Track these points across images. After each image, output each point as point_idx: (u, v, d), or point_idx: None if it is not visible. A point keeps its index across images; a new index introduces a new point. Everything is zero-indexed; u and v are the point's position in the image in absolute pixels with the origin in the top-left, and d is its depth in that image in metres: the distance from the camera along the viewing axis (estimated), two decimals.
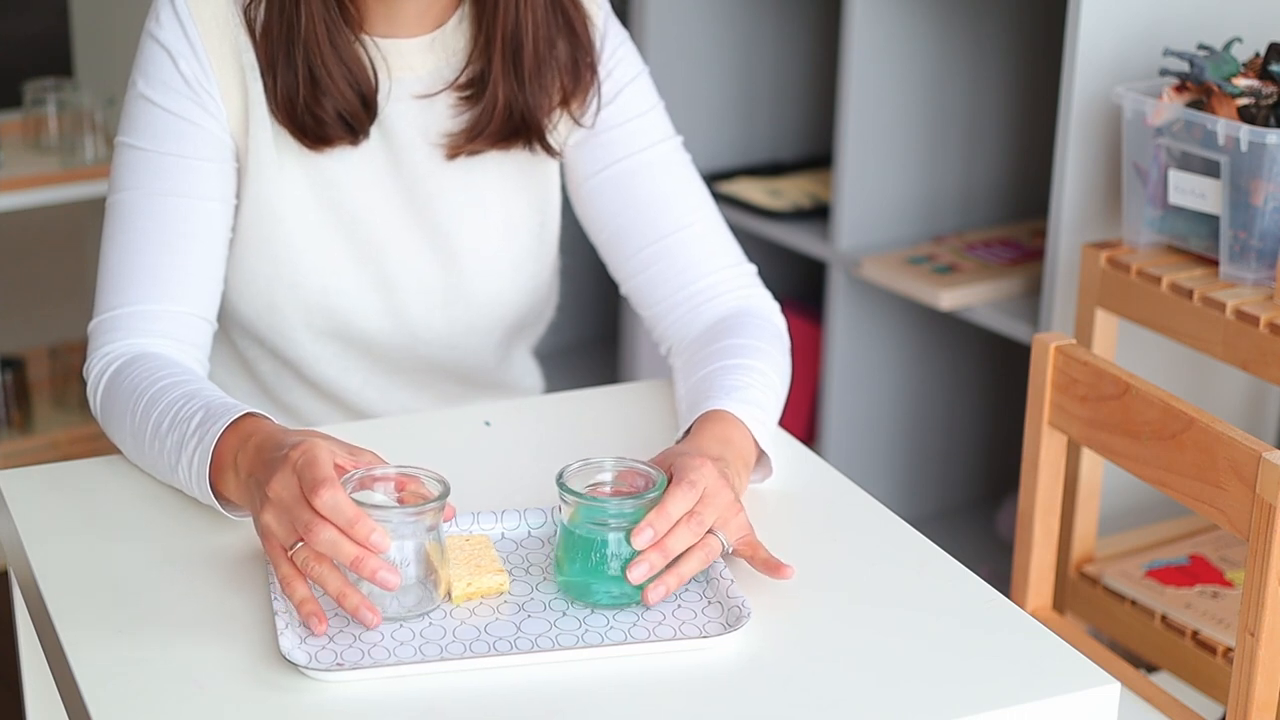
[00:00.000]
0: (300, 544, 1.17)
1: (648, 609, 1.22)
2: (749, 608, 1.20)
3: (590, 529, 1.21)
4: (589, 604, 1.23)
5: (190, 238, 1.49)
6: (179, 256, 1.48)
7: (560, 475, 1.23)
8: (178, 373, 1.41)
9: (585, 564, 1.22)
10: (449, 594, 1.23)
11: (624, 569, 1.21)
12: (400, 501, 1.22)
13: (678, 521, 1.22)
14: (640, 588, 1.22)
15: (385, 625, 1.20)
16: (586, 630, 1.20)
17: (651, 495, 1.22)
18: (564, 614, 1.22)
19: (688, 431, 1.42)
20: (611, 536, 1.21)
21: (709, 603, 1.24)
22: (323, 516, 1.15)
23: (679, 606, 1.23)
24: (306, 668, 1.13)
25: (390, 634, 1.19)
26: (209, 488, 1.30)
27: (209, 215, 1.50)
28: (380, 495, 1.22)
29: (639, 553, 1.21)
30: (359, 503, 1.18)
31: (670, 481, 1.24)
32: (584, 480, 1.25)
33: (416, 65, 1.54)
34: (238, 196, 1.54)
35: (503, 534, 1.32)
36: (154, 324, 1.46)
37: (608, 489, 1.26)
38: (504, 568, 1.25)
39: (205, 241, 1.50)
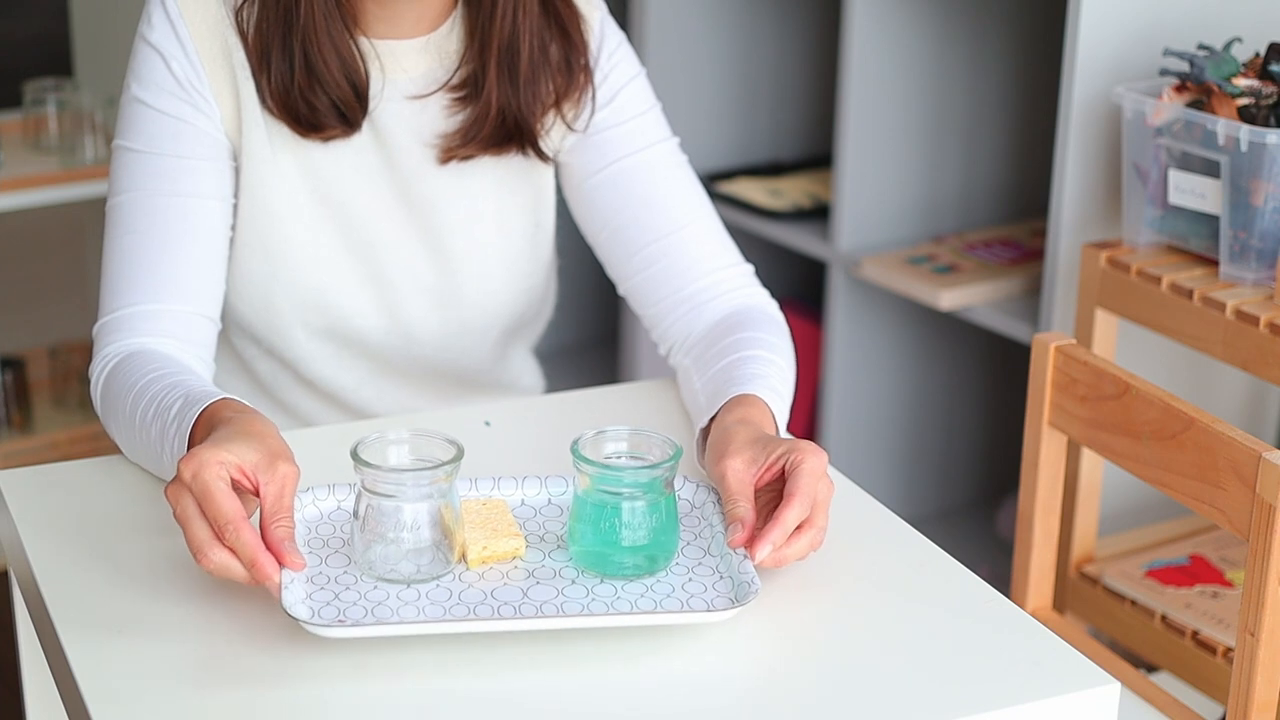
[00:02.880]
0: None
1: (657, 581, 1.22)
2: (758, 584, 1.19)
3: (603, 497, 1.21)
4: (601, 574, 1.22)
5: (190, 237, 1.49)
6: (179, 256, 1.48)
7: (575, 443, 1.23)
8: (166, 365, 1.41)
9: (598, 533, 1.21)
10: (464, 557, 1.23)
11: (636, 539, 1.21)
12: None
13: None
14: (652, 561, 1.22)
15: (393, 586, 1.20)
16: (593, 599, 1.20)
17: (666, 464, 1.22)
18: (573, 582, 1.22)
19: (712, 420, 1.42)
20: (625, 505, 1.21)
21: (720, 577, 1.23)
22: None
23: (690, 579, 1.23)
24: (308, 623, 1.12)
25: (396, 594, 1.19)
26: None
27: (208, 214, 1.50)
28: (394, 458, 1.22)
29: (652, 523, 1.21)
30: (372, 465, 1.18)
31: (785, 474, 1.26)
32: (599, 449, 1.25)
33: (410, 67, 1.55)
34: (235, 195, 1.55)
35: (522, 500, 1.32)
36: (156, 324, 1.47)
37: (623, 459, 1.25)
38: (520, 532, 1.25)
39: (205, 240, 1.50)
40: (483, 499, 1.29)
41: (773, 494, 1.30)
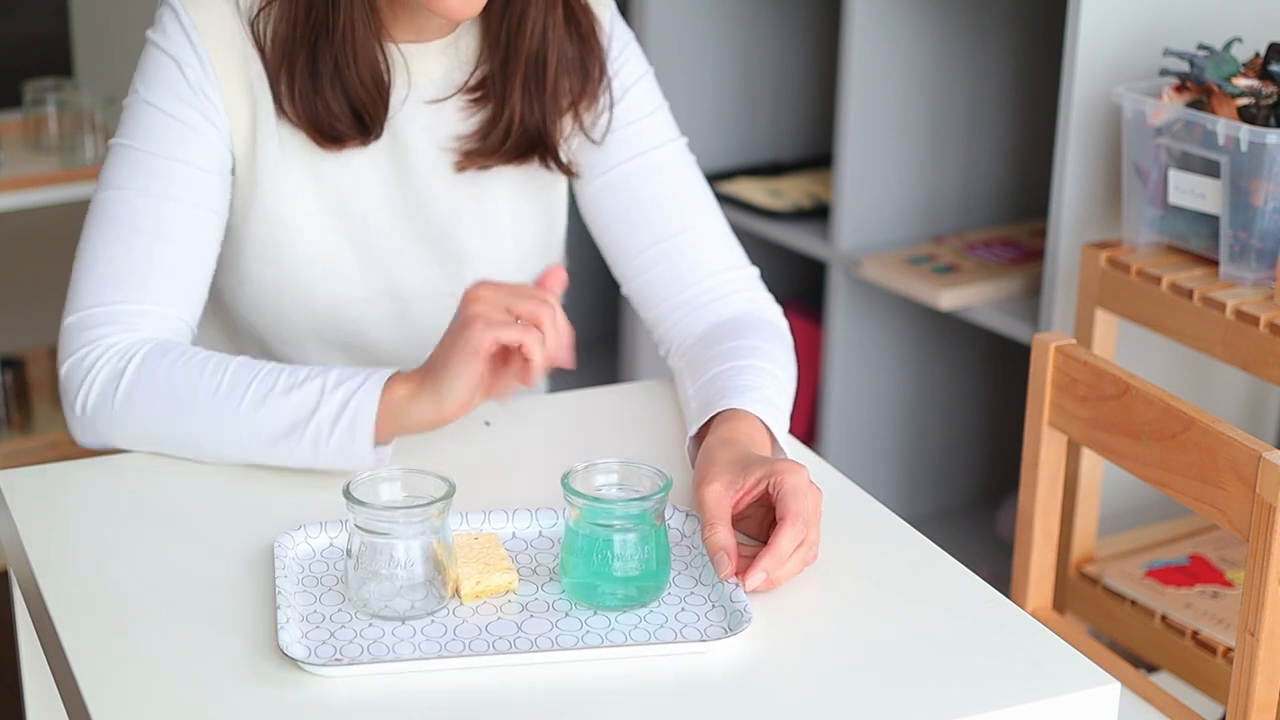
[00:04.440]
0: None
1: (650, 612, 1.22)
2: (751, 612, 1.20)
3: (594, 530, 1.21)
4: (594, 606, 1.23)
5: (182, 243, 1.47)
6: (172, 260, 1.46)
7: (565, 477, 1.23)
8: (235, 356, 1.43)
9: (589, 566, 1.21)
10: (458, 592, 1.23)
11: (628, 571, 1.21)
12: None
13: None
14: (644, 592, 1.22)
15: (388, 623, 1.20)
16: (587, 631, 1.20)
17: (657, 496, 1.22)
18: (566, 615, 1.22)
19: (702, 429, 1.42)
20: (616, 538, 1.21)
21: (712, 606, 1.24)
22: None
23: (683, 609, 1.23)
24: (305, 662, 1.13)
25: (391, 631, 1.19)
26: (371, 420, 1.36)
27: (203, 223, 1.48)
28: (386, 495, 1.22)
29: (644, 555, 1.21)
30: (364, 503, 1.19)
31: (771, 491, 1.27)
32: (589, 482, 1.25)
33: (432, 69, 1.54)
34: (246, 207, 1.53)
35: (514, 533, 1.32)
36: (145, 322, 1.45)
37: (614, 490, 1.25)
38: (513, 565, 1.25)
39: (198, 249, 1.48)
40: (474, 533, 1.29)
41: (763, 511, 1.30)
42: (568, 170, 1.59)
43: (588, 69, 1.56)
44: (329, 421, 1.37)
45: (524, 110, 1.54)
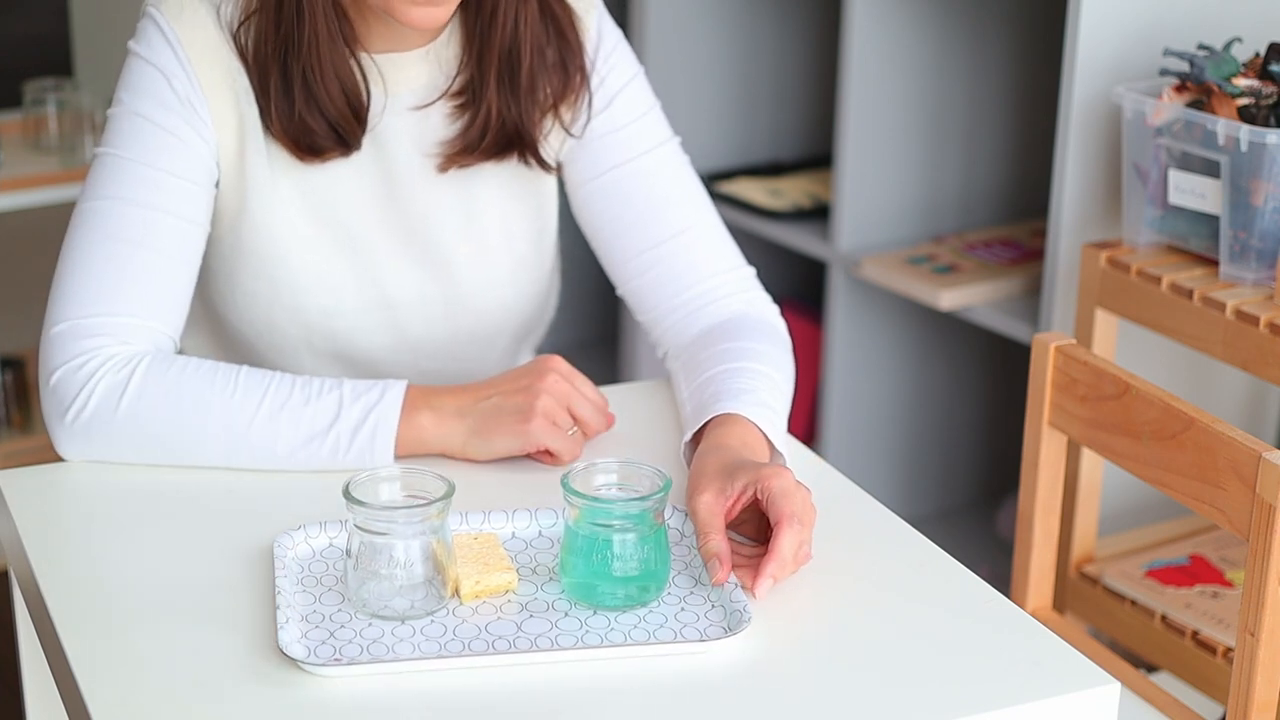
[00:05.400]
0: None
1: (650, 612, 1.22)
2: (750, 612, 1.20)
3: (594, 530, 1.21)
4: (593, 605, 1.23)
5: (170, 255, 1.46)
6: (160, 272, 1.45)
7: (565, 476, 1.23)
8: (240, 366, 1.44)
9: (589, 565, 1.21)
10: (457, 592, 1.23)
11: (628, 570, 1.21)
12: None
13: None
14: (644, 591, 1.22)
15: (387, 623, 1.20)
16: (587, 631, 1.20)
17: (656, 496, 1.22)
18: (566, 614, 1.22)
19: (697, 434, 1.42)
20: (616, 538, 1.21)
21: (712, 606, 1.24)
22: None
23: (682, 609, 1.23)
24: (305, 662, 1.13)
25: (390, 630, 1.19)
26: (392, 437, 1.40)
27: (189, 237, 1.48)
28: (385, 495, 1.22)
29: (643, 554, 1.21)
30: (364, 503, 1.19)
31: (760, 499, 1.27)
32: (588, 482, 1.25)
33: (412, 78, 1.53)
34: (235, 221, 1.53)
35: (513, 533, 1.33)
36: (137, 335, 1.43)
37: (614, 490, 1.25)
38: (512, 565, 1.26)
39: (185, 262, 1.47)
40: (474, 533, 1.29)
41: (759, 514, 1.31)
42: (549, 167, 1.59)
43: (566, 66, 1.55)
44: (348, 434, 1.40)
45: (501, 107, 1.53)
